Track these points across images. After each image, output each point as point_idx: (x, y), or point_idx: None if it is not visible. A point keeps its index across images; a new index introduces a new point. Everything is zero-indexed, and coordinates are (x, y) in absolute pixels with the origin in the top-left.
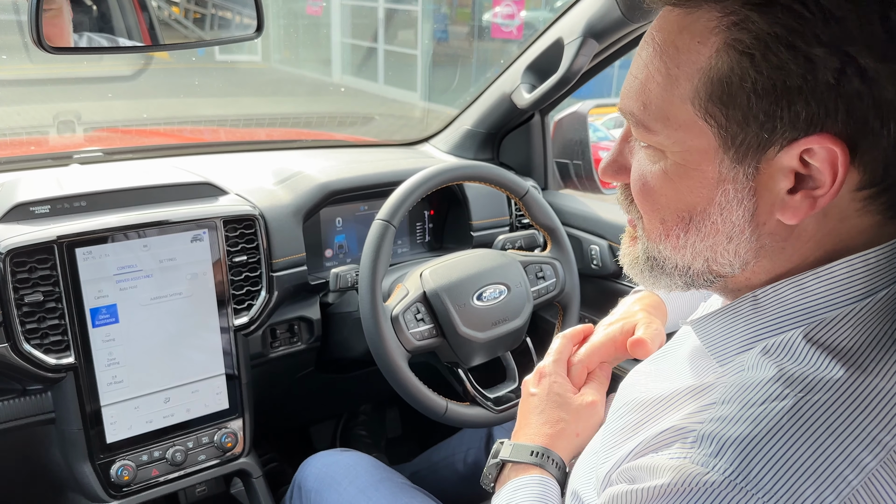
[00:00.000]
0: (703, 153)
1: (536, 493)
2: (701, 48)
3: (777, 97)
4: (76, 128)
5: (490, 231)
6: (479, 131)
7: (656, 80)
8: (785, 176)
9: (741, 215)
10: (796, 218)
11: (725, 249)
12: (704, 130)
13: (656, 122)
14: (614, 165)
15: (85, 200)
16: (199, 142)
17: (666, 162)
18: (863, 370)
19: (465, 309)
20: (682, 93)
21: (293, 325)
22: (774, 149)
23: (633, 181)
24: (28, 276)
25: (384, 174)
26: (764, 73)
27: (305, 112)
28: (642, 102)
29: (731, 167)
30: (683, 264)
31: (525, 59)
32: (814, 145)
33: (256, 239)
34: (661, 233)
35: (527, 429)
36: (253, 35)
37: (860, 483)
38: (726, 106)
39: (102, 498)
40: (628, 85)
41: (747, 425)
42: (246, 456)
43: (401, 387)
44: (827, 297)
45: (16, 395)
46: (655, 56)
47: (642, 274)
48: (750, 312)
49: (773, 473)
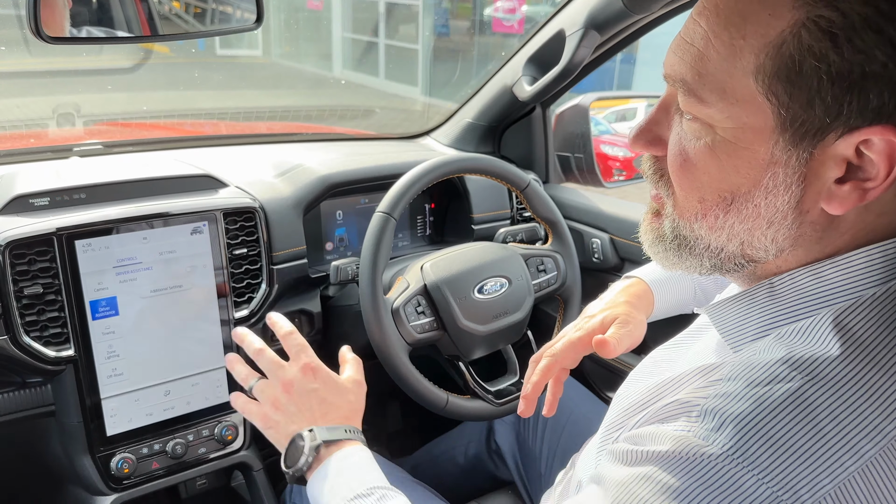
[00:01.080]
0: (758, 132)
1: (366, 456)
2: (773, 21)
3: (852, 82)
4: (76, 120)
5: (491, 224)
6: (481, 124)
7: (717, 49)
8: (837, 164)
9: (786, 201)
10: (843, 209)
11: (763, 234)
12: (763, 108)
13: (711, 94)
14: (648, 135)
15: (84, 192)
16: (199, 135)
17: (714, 137)
18: (871, 357)
19: (465, 302)
20: (744, 65)
21: (294, 318)
22: (834, 135)
23: (671, 154)
24: (27, 268)
25: (385, 167)
26: (844, 55)
27: (306, 105)
28: (697, 71)
29: (785, 150)
30: (717, 246)
31: (526, 52)
32: (875, 136)
33: (257, 231)
34: (699, 212)
35: (324, 417)
36: (252, 25)
37: (857, 469)
38: (793, 85)
39: (102, 491)
40: (681, 50)
41: (749, 403)
42: (246, 449)
43: (401, 380)
44: (843, 285)
45: (15, 388)
46: (718, 24)
47: (666, 253)
48: (766, 299)
49: (770, 452)
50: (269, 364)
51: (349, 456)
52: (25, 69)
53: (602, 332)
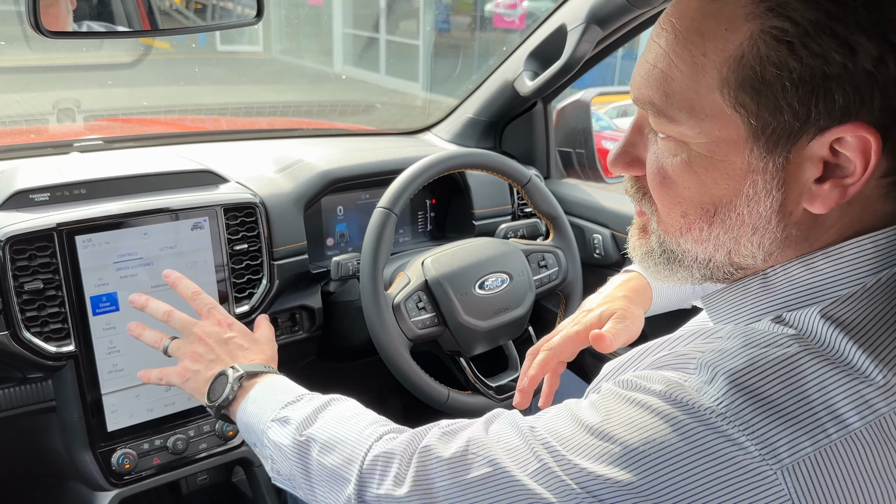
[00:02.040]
0: (732, 143)
1: (285, 380)
2: (730, 35)
3: (815, 86)
4: (76, 116)
5: (492, 220)
6: (482, 120)
7: (679, 69)
8: (814, 165)
9: (769, 206)
10: (825, 207)
11: (749, 241)
12: (734, 120)
13: (680, 112)
14: (626, 157)
15: (85, 188)
16: (199, 130)
17: (689, 153)
18: (866, 342)
19: (466, 297)
20: (709, 81)
21: (294, 313)
22: (807, 137)
23: (650, 174)
24: (28, 263)
25: (386, 162)
26: (803, 60)
27: (306, 101)
28: (664, 92)
29: (761, 157)
30: (704, 257)
31: (528, 47)
32: (847, 134)
33: (257, 227)
34: (683, 226)
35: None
36: (252, 20)
37: (840, 438)
38: (759, 94)
39: (103, 486)
40: (645, 73)
41: (743, 360)
42: (247, 444)
43: (402, 375)
44: (835, 276)
45: (16, 384)
46: (677, 43)
47: (657, 267)
48: (759, 290)
49: (755, 409)
50: (183, 323)
51: (274, 381)
52: (25, 65)
53: (600, 327)
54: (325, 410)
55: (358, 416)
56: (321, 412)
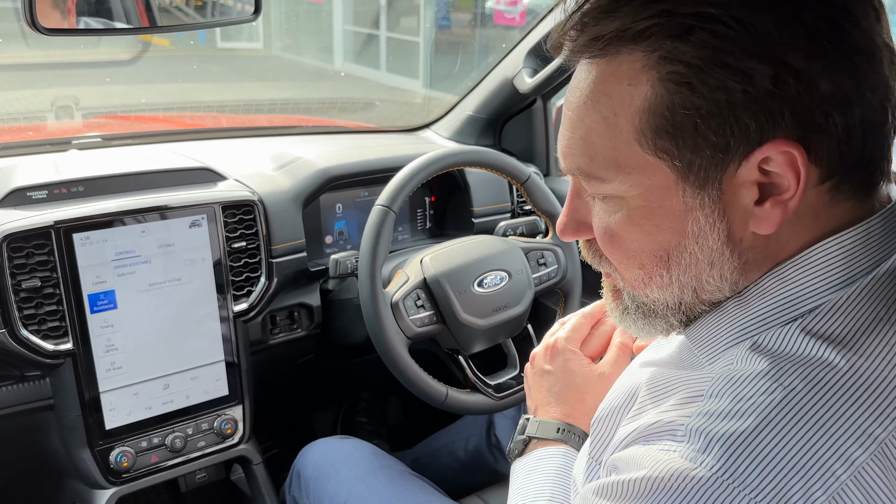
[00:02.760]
0: (664, 189)
1: (560, 464)
2: (633, 90)
3: (723, 116)
4: (74, 113)
5: (491, 217)
6: (481, 117)
7: (597, 132)
8: (748, 189)
9: (717, 238)
10: (772, 227)
11: (710, 275)
12: (658, 166)
13: (607, 171)
14: (572, 224)
15: (83, 185)
16: (197, 127)
17: (627, 207)
18: (856, 357)
19: (465, 295)
20: (626, 137)
21: (293, 311)
22: (733, 166)
23: (598, 236)
24: (25, 261)
25: (384, 160)
26: (705, 96)
27: (306, 98)
28: (588, 156)
29: (695, 195)
30: (674, 301)
31: (527, 43)
32: (770, 153)
33: (255, 225)
34: (643, 278)
35: (547, 406)
36: (251, 17)
37: (849, 478)
38: (675, 137)
39: (102, 484)
40: (566, 142)
41: (735, 420)
42: (246, 442)
43: (401, 373)
44: (807, 284)
45: (14, 382)
46: (588, 108)
47: (636, 324)
48: (735, 310)
49: (760, 469)
50: (552, 330)
51: (544, 458)
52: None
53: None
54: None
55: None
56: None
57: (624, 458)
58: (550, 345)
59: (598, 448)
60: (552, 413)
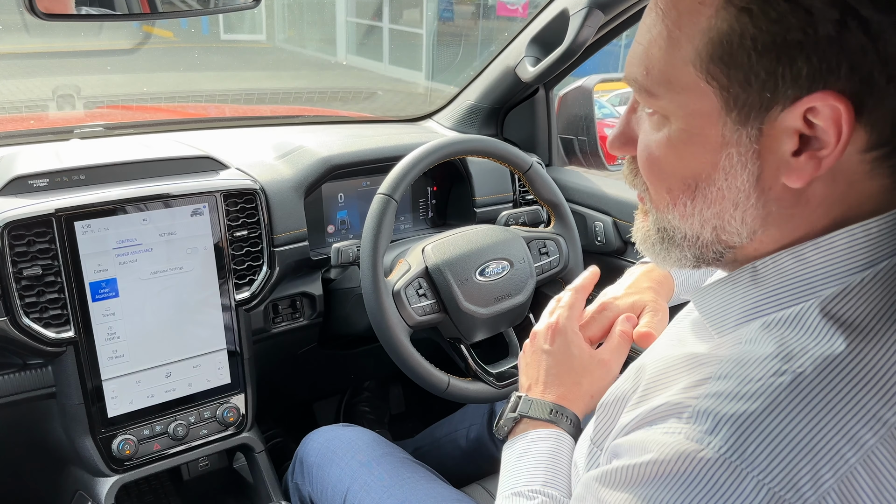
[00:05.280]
0: (706, 116)
1: (552, 447)
2: (702, 8)
3: (778, 53)
4: (76, 102)
5: (493, 207)
6: (483, 106)
7: (658, 45)
8: (789, 137)
9: (746, 179)
10: (801, 181)
11: (732, 216)
12: (707, 92)
13: (659, 87)
14: (622, 137)
15: (84, 174)
16: (199, 117)
17: (670, 128)
18: (866, 343)
19: (467, 284)
20: (683, 55)
21: (295, 300)
22: (777, 109)
23: (639, 152)
24: (27, 249)
25: (387, 148)
26: (763, 28)
27: (307, 87)
28: (645, 67)
29: (735, 129)
30: (692, 234)
31: (529, 32)
32: (817, 103)
33: (257, 213)
34: (669, 202)
35: (540, 385)
36: (251, 4)
37: (859, 461)
38: (728, 66)
39: (104, 472)
40: (633, 52)
41: (744, 402)
42: (248, 430)
43: (403, 362)
44: (827, 268)
45: (16, 370)
46: (658, 20)
47: (654, 248)
48: (749, 284)
49: (768, 451)
50: (550, 308)
51: (536, 441)
52: (24, 51)
53: (634, 314)
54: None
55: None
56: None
57: (627, 443)
58: (552, 324)
59: (601, 434)
60: (546, 394)
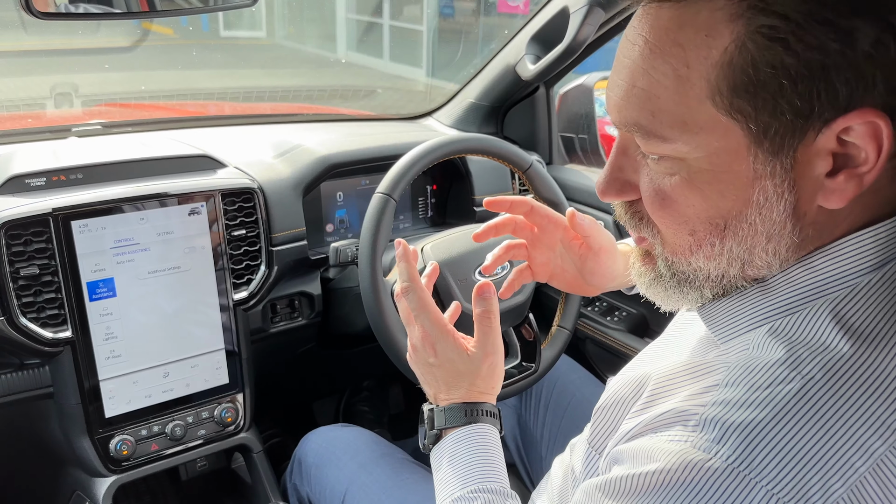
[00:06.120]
0: (733, 152)
1: (478, 442)
2: (712, 41)
3: (815, 79)
4: (73, 100)
5: None
6: (483, 104)
7: (663, 85)
8: (823, 159)
9: (782, 210)
10: (843, 201)
11: (764, 250)
12: (731, 127)
13: (672, 130)
14: (616, 184)
15: (81, 173)
16: (197, 115)
17: (689, 169)
18: (874, 348)
19: (466, 284)
20: (697, 93)
21: (294, 300)
22: (812, 133)
23: (647, 197)
24: (23, 248)
25: (386, 147)
26: (800, 55)
27: (307, 85)
28: (650, 111)
29: (767, 162)
30: (717, 273)
31: (529, 30)
32: (854, 122)
33: (255, 212)
34: (692, 245)
35: (443, 392)
36: (249, 2)
37: (868, 469)
38: (755, 97)
39: (102, 472)
40: (624, 94)
41: (752, 410)
42: (246, 431)
43: (402, 362)
44: (835, 274)
45: (13, 370)
46: (654, 58)
47: (667, 293)
48: (757, 295)
49: (777, 461)
50: (406, 318)
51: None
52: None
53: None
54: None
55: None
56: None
57: (630, 451)
58: (424, 336)
59: (599, 438)
60: (452, 397)
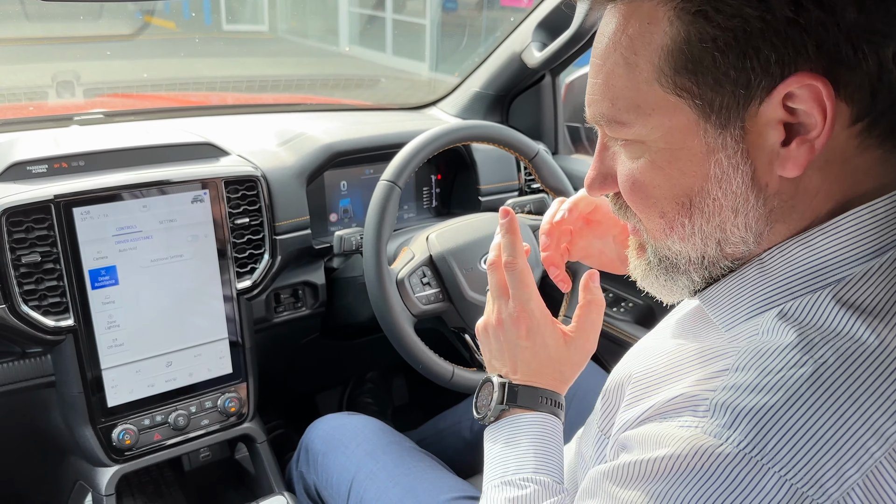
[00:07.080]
0: (685, 129)
1: (540, 432)
2: (652, 27)
3: (742, 47)
4: (75, 89)
5: (499, 196)
6: (488, 93)
7: (616, 74)
8: (774, 128)
9: (741, 182)
10: (798, 168)
11: (734, 225)
12: (679, 106)
13: (628, 114)
14: (599, 178)
15: (83, 160)
16: (201, 104)
17: (649, 151)
18: (889, 330)
19: (472, 273)
20: (645, 76)
21: (297, 289)
22: (755, 103)
23: (621, 185)
24: (25, 235)
25: (390, 135)
26: (721, 25)
27: (310, 74)
28: (609, 99)
29: (717, 135)
30: (696, 255)
31: (536, 17)
32: (793, 87)
33: (259, 201)
34: (665, 227)
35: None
36: None
37: (884, 454)
38: (694, 73)
39: (104, 462)
40: (591, 90)
41: (764, 394)
42: (250, 421)
43: (407, 352)
44: (836, 254)
45: (15, 358)
46: (610, 52)
47: (658, 280)
48: (757, 277)
49: (790, 446)
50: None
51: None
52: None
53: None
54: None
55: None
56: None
57: (638, 437)
58: (518, 315)
59: (606, 420)
60: (532, 380)
